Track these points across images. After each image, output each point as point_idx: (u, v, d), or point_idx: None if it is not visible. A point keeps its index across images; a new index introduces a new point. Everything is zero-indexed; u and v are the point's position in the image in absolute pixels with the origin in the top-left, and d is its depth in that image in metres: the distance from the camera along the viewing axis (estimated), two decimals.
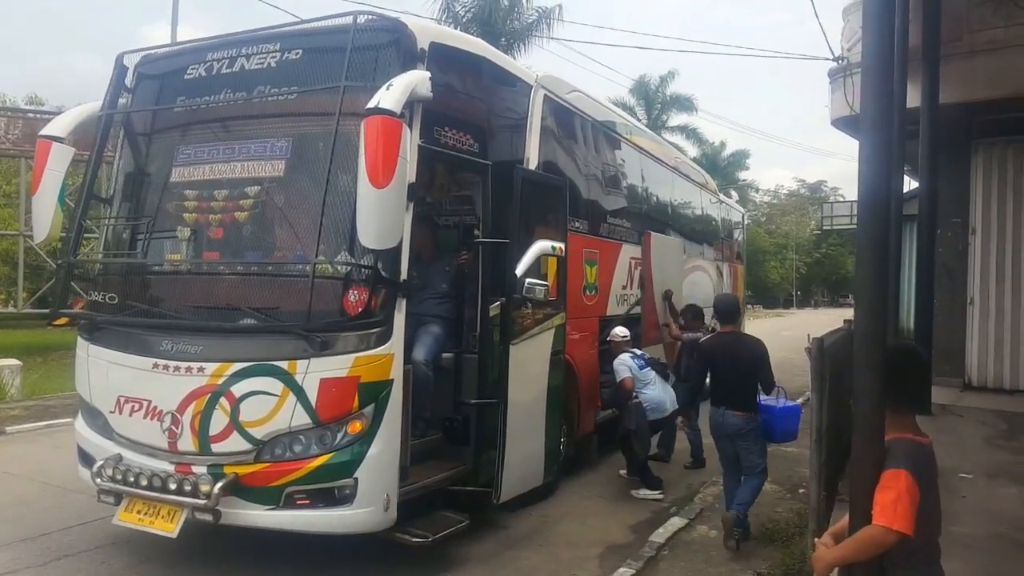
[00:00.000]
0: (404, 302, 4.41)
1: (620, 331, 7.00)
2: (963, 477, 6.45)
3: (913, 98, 9.10)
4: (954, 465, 6.56)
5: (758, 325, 33.10)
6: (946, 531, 2.52)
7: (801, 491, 6.39)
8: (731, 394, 5.34)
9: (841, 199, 45.74)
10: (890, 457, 2.45)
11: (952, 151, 10.89)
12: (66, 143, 5.02)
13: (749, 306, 19.84)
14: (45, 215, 4.94)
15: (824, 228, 41.56)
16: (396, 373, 4.36)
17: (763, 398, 5.35)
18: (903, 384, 2.59)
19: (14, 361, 11.98)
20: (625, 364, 6.70)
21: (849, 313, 3.01)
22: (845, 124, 11.83)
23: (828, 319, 11.92)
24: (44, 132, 5.05)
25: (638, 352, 7.03)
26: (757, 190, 66.18)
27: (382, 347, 4.29)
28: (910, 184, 13.16)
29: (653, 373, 6.81)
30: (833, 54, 12.11)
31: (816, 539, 2.72)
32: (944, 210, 10.79)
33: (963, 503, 5.70)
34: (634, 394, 6.61)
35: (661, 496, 6.55)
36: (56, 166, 4.95)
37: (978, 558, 4.60)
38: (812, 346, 4.79)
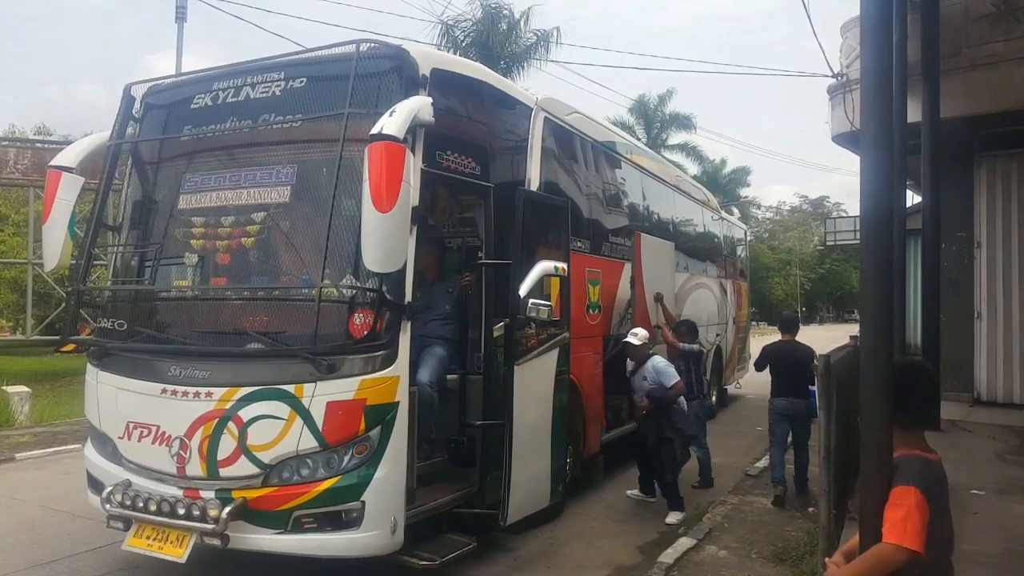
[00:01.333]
0: (409, 324, 4.44)
1: (641, 333, 6.80)
2: (974, 494, 6.40)
3: (914, 113, 9.15)
4: (965, 481, 6.51)
5: (762, 342, 32.90)
6: (958, 549, 2.51)
7: (811, 510, 6.35)
8: (794, 386, 6.96)
9: (844, 214, 45.80)
10: (899, 474, 2.44)
11: (955, 165, 10.92)
12: (75, 173, 5.09)
13: (753, 323, 19.76)
14: (55, 244, 4.99)
15: (827, 243, 41.53)
16: (401, 395, 4.38)
17: (812, 388, 6.75)
18: (912, 402, 2.58)
19: (23, 388, 12.02)
20: (671, 367, 6.71)
21: (855, 329, 3.02)
22: (846, 140, 11.89)
23: (834, 335, 11.76)
24: (54, 162, 5.13)
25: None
26: (759, 206, 66.40)
27: (387, 369, 4.31)
28: (913, 199, 13.19)
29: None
30: (832, 71, 12.22)
31: (827, 559, 2.71)
32: (948, 224, 10.79)
33: (975, 520, 5.65)
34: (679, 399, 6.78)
35: (684, 516, 6.46)
36: (66, 195, 5.01)
37: (991, 575, 4.56)
38: (818, 363, 4.80)
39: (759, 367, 7.71)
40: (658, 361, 6.72)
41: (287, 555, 4.37)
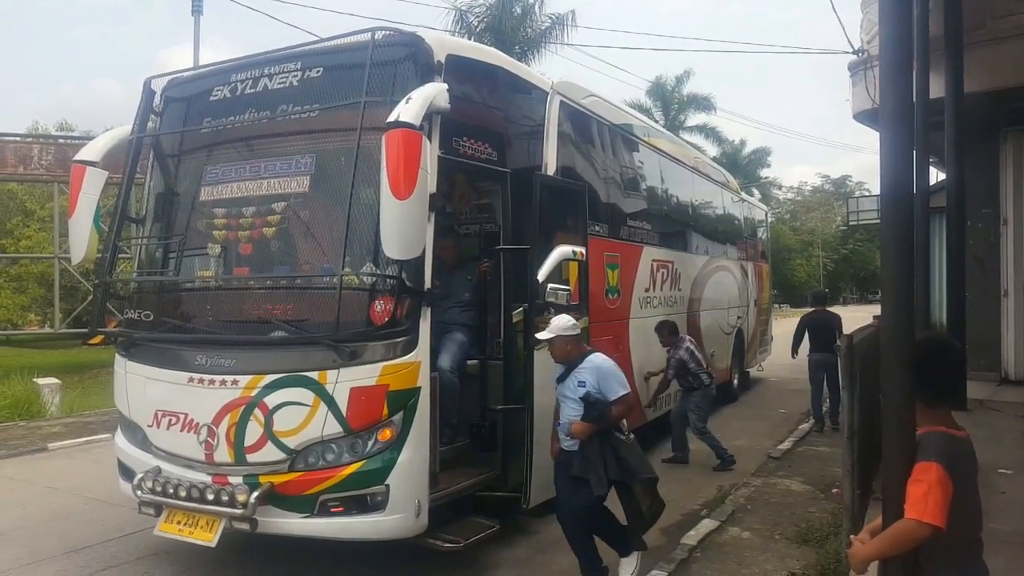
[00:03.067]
0: (429, 310, 4.48)
1: (559, 322, 4.75)
2: (1002, 473, 6.34)
3: (937, 88, 8.99)
4: (992, 461, 6.45)
5: (785, 324, 32.69)
6: (985, 527, 2.50)
7: (834, 491, 6.34)
8: (825, 344, 8.86)
9: (867, 193, 45.13)
10: (921, 450, 2.44)
11: (980, 140, 10.73)
12: (99, 167, 5.17)
13: (776, 306, 19.64)
14: (81, 237, 5.08)
15: (850, 224, 41.00)
16: (423, 380, 4.42)
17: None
18: (937, 377, 2.56)
19: (53, 380, 12.26)
20: (618, 370, 4.75)
21: (878, 309, 3.00)
22: (867, 118, 11.73)
23: (858, 316, 11.86)
24: (78, 157, 5.21)
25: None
26: (780, 187, 65.65)
27: (409, 355, 4.35)
28: (937, 176, 12.98)
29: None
30: (852, 47, 12.05)
31: (852, 536, 2.71)
32: (974, 201, 10.63)
33: (1002, 499, 5.61)
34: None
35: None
36: (90, 190, 5.09)
37: (1020, 555, 4.53)
38: (841, 344, 4.77)
39: (798, 332, 9.64)
40: (600, 361, 4.69)
41: (314, 538, 4.45)
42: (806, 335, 9.57)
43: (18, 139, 18.21)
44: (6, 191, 26.86)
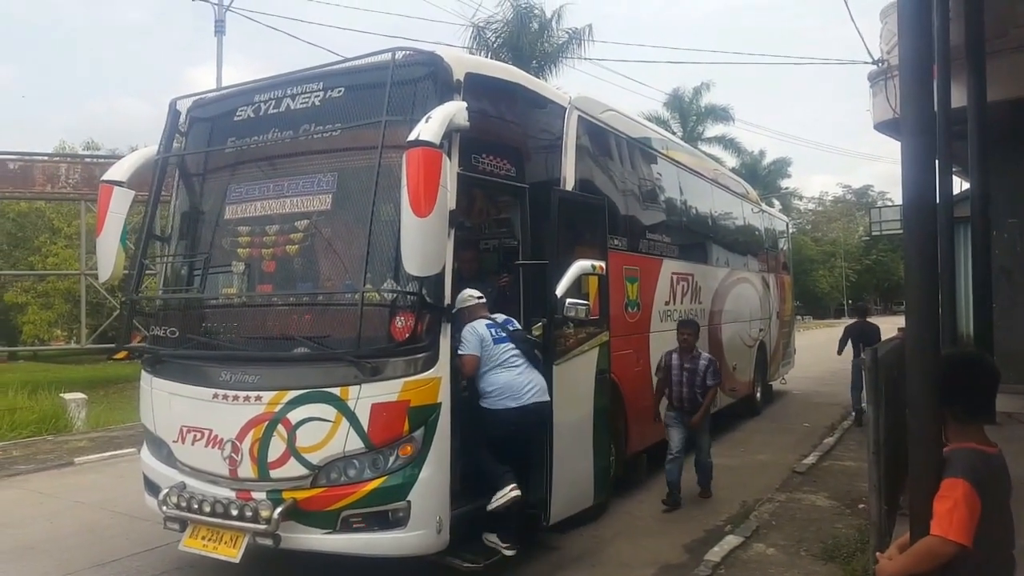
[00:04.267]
0: (449, 326, 4.50)
1: (470, 293, 5.01)
2: None
3: (959, 97, 8.91)
4: (1022, 476, 6.32)
5: (808, 336, 32.42)
6: (1017, 544, 2.45)
7: (861, 506, 6.24)
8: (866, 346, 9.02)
9: (890, 203, 44.68)
10: (948, 466, 2.41)
11: (1004, 149, 10.61)
12: (126, 186, 5.27)
13: (799, 317, 19.56)
14: (109, 255, 5.17)
15: (873, 234, 40.60)
16: (444, 396, 4.44)
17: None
18: (970, 393, 2.51)
19: (80, 395, 12.43)
20: (474, 335, 4.89)
21: (903, 321, 2.98)
22: (889, 128, 11.64)
23: (883, 328, 11.91)
24: (106, 177, 5.31)
25: (498, 318, 5.14)
26: (801, 198, 65.27)
27: (430, 371, 4.38)
28: (961, 185, 12.82)
29: (513, 350, 5.02)
30: (872, 57, 11.99)
31: (878, 554, 2.68)
32: (999, 210, 10.47)
33: None
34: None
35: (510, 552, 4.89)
36: (118, 208, 5.19)
37: None
38: (866, 356, 4.72)
39: (843, 341, 11.05)
40: (465, 329, 4.87)
41: (336, 554, 4.46)
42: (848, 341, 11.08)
43: (46, 158, 18.59)
44: (34, 209, 27.39)
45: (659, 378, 6.97)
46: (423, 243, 4.03)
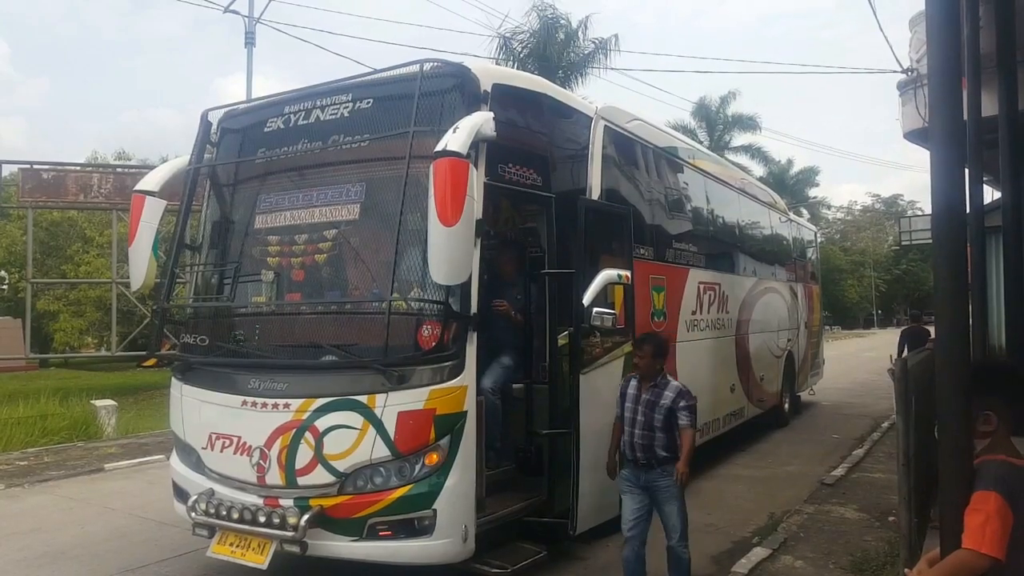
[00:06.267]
0: (475, 335, 4.52)
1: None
2: None
3: (990, 106, 8.77)
4: None
5: (837, 347, 32.02)
6: None
7: (891, 519, 6.14)
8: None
9: (919, 212, 44.08)
10: (979, 478, 2.38)
11: None
12: (158, 196, 5.36)
13: (827, 327, 19.43)
14: (141, 264, 5.27)
15: (903, 243, 40.02)
16: (469, 405, 4.46)
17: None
18: (1012, 404, 2.50)
19: (110, 402, 12.63)
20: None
21: (934, 331, 2.96)
22: (918, 137, 11.47)
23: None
24: (138, 187, 5.41)
25: None
26: (829, 207, 64.57)
27: (455, 380, 4.40)
28: (992, 195, 12.62)
29: None
30: (901, 66, 11.85)
31: (907, 570, 2.64)
32: None
33: None
34: None
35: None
36: (150, 218, 5.29)
37: None
38: (895, 367, 4.65)
39: (900, 344, 12.05)
40: None
41: (363, 562, 4.48)
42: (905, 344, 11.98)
43: (79, 168, 18.98)
44: (67, 218, 27.95)
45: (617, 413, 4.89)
46: (450, 252, 4.06)
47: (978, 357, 6.08)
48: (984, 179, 9.81)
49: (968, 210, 3.50)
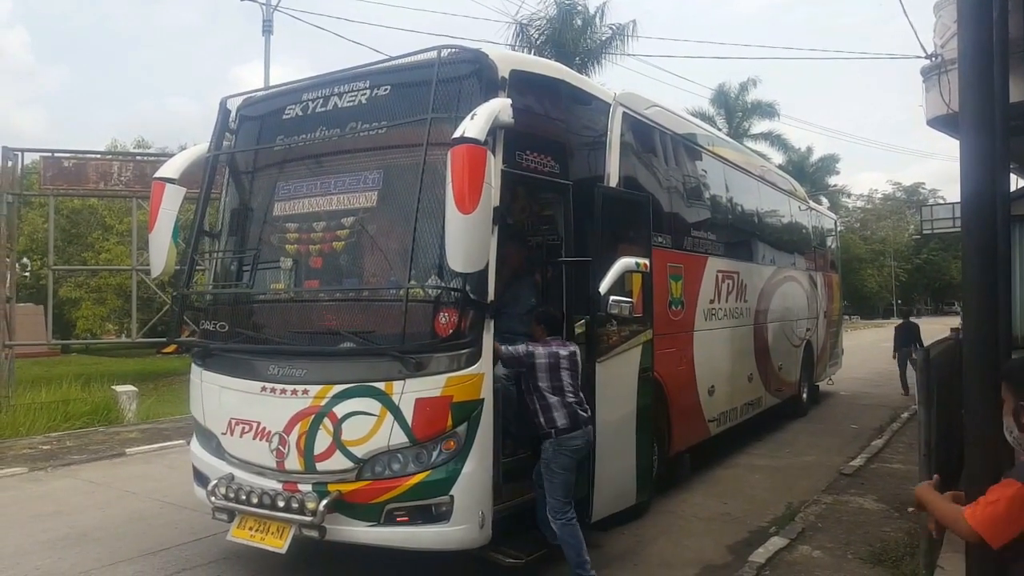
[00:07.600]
0: (492, 323, 4.51)
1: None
2: None
3: (1017, 92, 8.59)
4: None
5: (856, 337, 31.72)
6: None
7: (910, 510, 6.07)
8: (906, 342, 13.03)
9: (941, 201, 43.48)
10: (1016, 470, 2.35)
11: None
12: (177, 183, 5.39)
13: (846, 317, 19.31)
14: (161, 251, 5.30)
15: (924, 232, 39.52)
16: (486, 392, 4.45)
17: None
18: None
19: (131, 387, 12.81)
20: None
21: (955, 321, 2.92)
22: (942, 123, 11.26)
23: (934, 328, 12.25)
24: (158, 175, 5.44)
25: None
26: (849, 195, 63.88)
27: (472, 367, 4.39)
28: (1017, 183, 12.41)
29: None
30: (925, 51, 11.62)
31: (927, 482, 2.62)
32: None
33: None
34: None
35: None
36: (169, 205, 5.32)
37: None
38: (918, 357, 4.60)
39: (895, 339, 14.30)
40: None
41: (380, 547, 4.51)
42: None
43: (99, 156, 19.11)
44: (87, 206, 28.19)
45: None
46: (467, 240, 4.04)
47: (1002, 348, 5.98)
48: (1010, 167, 9.63)
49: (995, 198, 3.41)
